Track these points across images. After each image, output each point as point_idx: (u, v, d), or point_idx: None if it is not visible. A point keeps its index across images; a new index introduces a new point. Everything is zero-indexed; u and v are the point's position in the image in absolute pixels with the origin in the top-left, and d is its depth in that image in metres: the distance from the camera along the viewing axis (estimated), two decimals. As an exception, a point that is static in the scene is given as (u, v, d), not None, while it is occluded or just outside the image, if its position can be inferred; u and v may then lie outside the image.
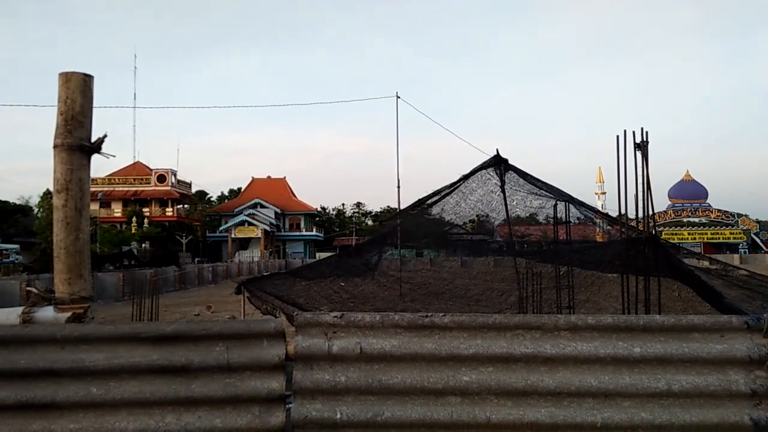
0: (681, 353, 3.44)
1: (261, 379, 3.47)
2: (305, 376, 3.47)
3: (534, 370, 3.48)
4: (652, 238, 6.28)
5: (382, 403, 3.46)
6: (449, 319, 3.58)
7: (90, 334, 3.52)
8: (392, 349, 3.52)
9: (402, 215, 12.78)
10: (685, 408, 3.39)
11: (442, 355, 3.52)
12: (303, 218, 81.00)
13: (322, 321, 3.58)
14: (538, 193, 9.94)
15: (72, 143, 4.34)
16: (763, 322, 3.48)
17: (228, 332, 3.51)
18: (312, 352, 3.49)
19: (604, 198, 66.14)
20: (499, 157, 10.35)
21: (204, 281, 40.32)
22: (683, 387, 3.40)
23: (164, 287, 32.69)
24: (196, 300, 26.62)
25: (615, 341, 3.49)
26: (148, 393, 3.40)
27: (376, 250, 10.81)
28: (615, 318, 3.54)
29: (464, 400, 3.46)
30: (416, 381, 3.48)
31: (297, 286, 9.07)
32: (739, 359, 3.44)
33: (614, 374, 3.44)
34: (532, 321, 3.58)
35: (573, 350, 3.47)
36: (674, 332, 3.49)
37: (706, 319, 3.53)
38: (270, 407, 3.47)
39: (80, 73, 4.59)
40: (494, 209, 10.52)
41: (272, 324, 3.55)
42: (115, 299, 27.98)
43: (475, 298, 9.90)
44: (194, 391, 3.42)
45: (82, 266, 4.26)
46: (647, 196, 6.20)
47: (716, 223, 71.69)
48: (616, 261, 7.00)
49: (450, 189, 10.49)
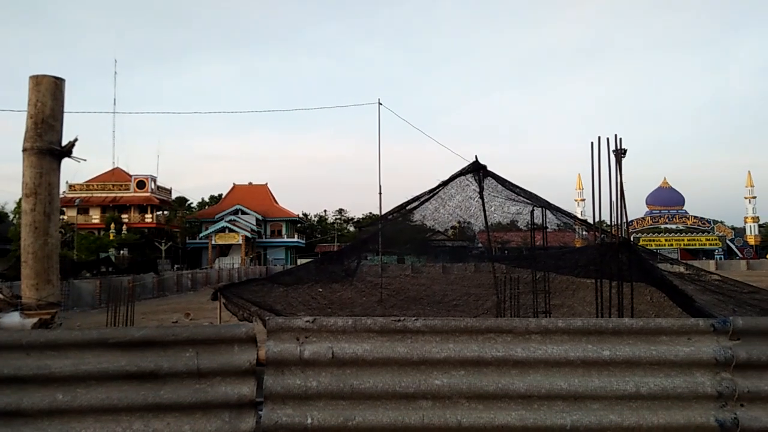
0: (649, 356, 3.48)
1: (231, 385, 3.44)
2: (276, 381, 3.45)
3: (505, 373, 3.50)
4: (626, 243, 6.37)
5: (354, 407, 3.45)
6: (422, 323, 3.59)
7: (57, 340, 3.46)
8: (364, 353, 3.51)
9: (381, 221, 12.79)
10: (653, 410, 3.43)
11: (414, 359, 3.52)
12: (284, 225, 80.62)
13: (294, 326, 3.56)
14: (516, 199, 10.03)
15: (42, 147, 4.28)
16: (729, 324, 3.54)
17: (198, 337, 3.48)
18: (283, 357, 3.47)
19: (583, 205, 66.93)
20: (478, 164, 10.43)
21: (183, 288, 39.89)
22: (651, 389, 3.44)
23: (142, 294, 32.31)
24: (175, 307, 26.31)
25: (585, 344, 3.52)
26: (115, 399, 3.35)
27: (355, 256, 10.80)
28: (585, 321, 3.57)
29: (435, 404, 3.47)
30: (388, 385, 3.48)
31: (275, 292, 9.01)
32: (705, 361, 3.49)
33: (584, 377, 3.47)
34: (503, 324, 3.60)
35: (543, 353, 3.50)
36: (642, 335, 3.53)
37: (673, 322, 3.58)
38: (240, 413, 3.44)
39: (51, 76, 4.53)
40: (473, 215, 10.60)
41: (243, 329, 3.53)
42: (92, 306, 27.56)
43: (453, 303, 9.94)
44: (163, 397, 3.38)
45: (50, 271, 4.20)
46: (621, 203, 6.29)
47: (693, 230, 72.83)
48: (590, 266, 7.09)
49: (429, 195, 10.55)
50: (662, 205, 73.43)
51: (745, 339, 3.52)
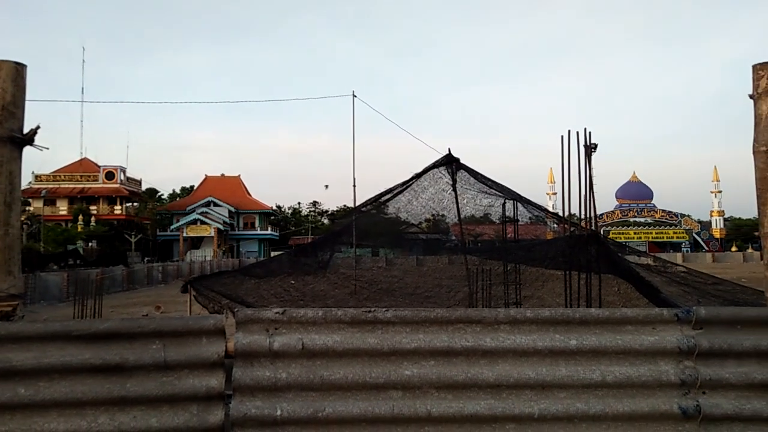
0: (615, 345, 3.54)
1: (199, 377, 3.39)
2: (245, 373, 3.42)
3: (474, 363, 3.53)
4: (594, 235, 6.47)
5: (324, 399, 3.44)
6: (392, 314, 3.59)
7: (18, 333, 3.37)
8: (334, 344, 3.50)
9: (355, 213, 12.76)
10: (618, 398, 3.49)
11: (385, 350, 3.52)
12: (258, 217, 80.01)
13: (263, 317, 3.53)
14: (488, 192, 10.11)
15: (2, 134, 4.14)
16: (692, 314, 3.62)
17: (165, 329, 3.42)
18: (252, 348, 3.44)
19: (555, 198, 67.80)
20: (451, 156, 10.48)
21: (153, 281, 39.36)
22: (617, 378, 3.50)
23: (112, 287, 31.76)
24: (145, 300, 25.96)
25: (552, 334, 3.56)
26: (79, 393, 3.28)
27: (328, 249, 10.76)
28: (552, 311, 3.62)
29: (405, 394, 3.47)
30: (358, 376, 3.47)
31: (246, 285, 8.94)
32: (669, 350, 3.56)
33: (551, 366, 3.52)
34: (473, 315, 3.62)
35: (512, 343, 3.53)
36: (608, 325, 3.59)
37: (638, 312, 3.65)
38: (209, 405, 3.40)
39: (12, 61, 4.38)
40: (445, 207, 10.65)
41: (211, 321, 3.48)
42: (59, 300, 27.03)
43: (425, 294, 9.99)
44: (129, 391, 3.32)
45: (11, 262, 4.08)
46: (590, 196, 6.38)
47: (661, 223, 74.43)
48: (559, 258, 7.19)
49: (402, 187, 10.56)
50: (631, 199, 74.86)
51: (708, 328, 3.60)
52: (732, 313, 3.83)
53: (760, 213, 4.38)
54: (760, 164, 4.33)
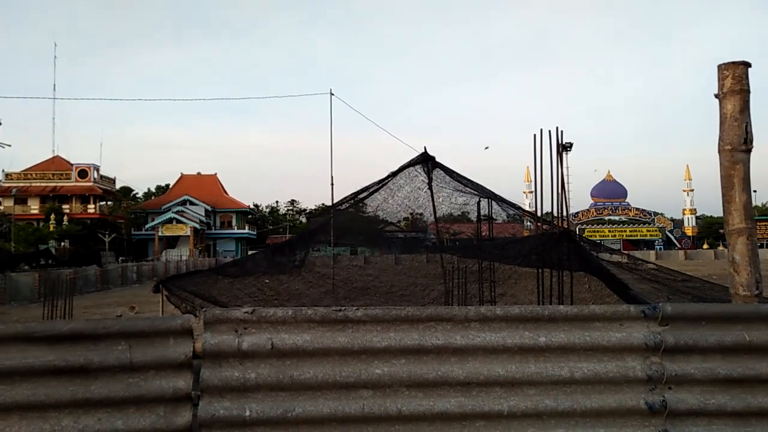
0: (583, 342, 3.57)
1: (166, 379, 3.34)
2: (213, 373, 3.37)
3: (445, 361, 3.53)
4: (565, 233, 6.53)
5: (294, 399, 3.42)
6: (362, 313, 3.57)
7: (-22, 335, 3.29)
8: (304, 344, 3.47)
9: (330, 212, 12.72)
10: (587, 394, 3.52)
11: (355, 349, 3.50)
12: (235, 216, 79.33)
13: (231, 317, 3.49)
14: (464, 191, 10.16)
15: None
16: (658, 311, 3.66)
17: (131, 330, 3.36)
18: (221, 349, 3.40)
19: (531, 197, 68.35)
20: (427, 155, 10.50)
21: (128, 281, 38.78)
22: (585, 374, 3.53)
23: (85, 288, 31.21)
24: (119, 300, 25.56)
25: (522, 331, 3.58)
26: (42, 395, 3.21)
27: (303, 247, 10.71)
28: (522, 309, 3.64)
29: (376, 393, 3.46)
30: (328, 375, 3.45)
31: (220, 284, 8.85)
32: (636, 347, 3.60)
33: (521, 363, 3.54)
34: (443, 313, 3.63)
35: (482, 341, 3.54)
36: (577, 322, 3.62)
37: (606, 309, 3.69)
38: (176, 407, 3.35)
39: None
40: (421, 206, 10.68)
41: (179, 321, 3.43)
42: (31, 301, 26.44)
43: (400, 293, 10.01)
44: (94, 393, 3.25)
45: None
46: (562, 194, 6.44)
47: (635, 221, 75.60)
48: (532, 255, 7.25)
49: (378, 185, 10.55)
50: (606, 198, 75.89)
51: (674, 324, 3.65)
52: (697, 309, 3.90)
53: (725, 210, 4.46)
54: (725, 162, 4.41)
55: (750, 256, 4.37)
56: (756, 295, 4.35)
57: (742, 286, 4.41)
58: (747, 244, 4.36)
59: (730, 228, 4.45)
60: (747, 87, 4.36)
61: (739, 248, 4.39)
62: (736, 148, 4.35)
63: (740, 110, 4.33)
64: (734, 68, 4.36)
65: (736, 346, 3.62)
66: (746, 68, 4.36)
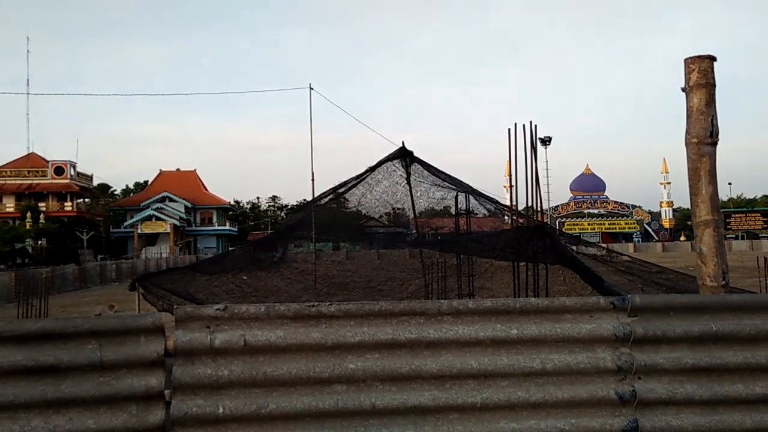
0: (554, 333, 3.62)
1: (138, 377, 3.32)
2: (186, 371, 3.36)
3: (418, 354, 3.55)
4: (540, 227, 6.60)
5: (267, 395, 3.42)
6: (336, 308, 3.58)
7: (-57, 336, 3.23)
8: (278, 340, 3.47)
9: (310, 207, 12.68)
10: (558, 385, 3.57)
11: (329, 344, 3.51)
12: (215, 212, 78.72)
13: (203, 314, 3.47)
14: (441, 185, 10.20)
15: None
16: (627, 302, 3.72)
17: (101, 329, 3.33)
18: (193, 346, 3.38)
19: (511, 191, 68.76)
20: (405, 149, 10.52)
21: (107, 279, 38.32)
22: (556, 366, 3.58)
23: (63, 286, 30.78)
24: (98, 299, 25.22)
25: (494, 324, 3.62)
26: (11, 396, 3.17)
27: (282, 243, 10.67)
28: (494, 302, 3.67)
29: (350, 388, 3.48)
30: (302, 371, 3.46)
31: (197, 282, 8.79)
32: (606, 338, 3.66)
33: (493, 356, 3.57)
34: (416, 307, 3.65)
35: (455, 334, 3.57)
36: (548, 314, 3.66)
37: (576, 301, 3.74)
38: (148, 405, 3.33)
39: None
40: (399, 200, 10.70)
41: (150, 318, 3.41)
42: (7, 300, 25.95)
43: (378, 288, 10.03)
44: (64, 392, 3.22)
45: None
46: (536, 188, 6.50)
47: (613, 214, 76.48)
48: (508, 249, 7.31)
49: (356, 180, 10.55)
50: (585, 191, 76.67)
51: (642, 315, 3.71)
52: (665, 300, 3.97)
53: (692, 203, 4.54)
54: (692, 155, 4.48)
55: (717, 248, 4.45)
56: (723, 286, 4.44)
57: (709, 276, 4.50)
58: (713, 235, 4.45)
59: (697, 220, 4.53)
60: (713, 80, 4.43)
61: (706, 240, 4.47)
62: (703, 141, 4.42)
63: (706, 103, 4.41)
64: (700, 62, 4.43)
65: (702, 336, 3.69)
66: (712, 62, 4.43)
